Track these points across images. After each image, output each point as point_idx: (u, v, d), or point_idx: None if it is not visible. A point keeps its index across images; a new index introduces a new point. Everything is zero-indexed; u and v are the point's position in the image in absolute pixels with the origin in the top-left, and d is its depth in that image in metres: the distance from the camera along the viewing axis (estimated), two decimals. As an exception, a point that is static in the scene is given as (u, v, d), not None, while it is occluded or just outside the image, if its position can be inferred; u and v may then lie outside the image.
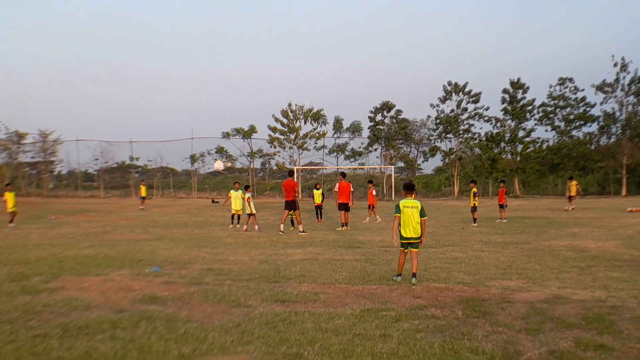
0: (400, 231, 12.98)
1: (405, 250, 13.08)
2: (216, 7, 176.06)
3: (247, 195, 26.30)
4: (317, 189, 31.92)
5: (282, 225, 24.63)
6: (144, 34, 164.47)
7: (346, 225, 26.72)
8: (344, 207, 27.08)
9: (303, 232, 24.25)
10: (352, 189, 28.25)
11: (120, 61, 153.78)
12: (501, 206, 30.41)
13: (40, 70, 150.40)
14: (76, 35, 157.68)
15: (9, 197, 28.85)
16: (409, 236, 12.89)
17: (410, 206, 12.95)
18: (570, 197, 40.59)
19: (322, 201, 31.74)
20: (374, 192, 32.51)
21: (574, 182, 41.33)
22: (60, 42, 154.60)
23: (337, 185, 29.42)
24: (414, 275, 12.83)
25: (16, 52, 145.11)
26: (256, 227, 25.75)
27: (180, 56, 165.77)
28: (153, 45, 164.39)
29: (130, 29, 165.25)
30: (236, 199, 28.00)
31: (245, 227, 25.62)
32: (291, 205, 24.84)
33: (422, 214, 13.00)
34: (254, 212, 26.10)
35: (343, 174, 29.50)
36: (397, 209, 13.02)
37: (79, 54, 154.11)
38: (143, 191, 44.89)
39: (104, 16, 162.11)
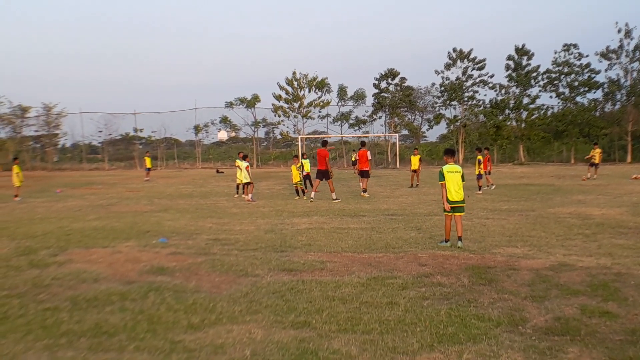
0: (447, 196, 13.27)
1: (450, 214, 13.39)
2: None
3: (246, 164, 26.23)
4: (305, 159, 31.74)
5: (312, 193, 25.36)
6: (146, 5, 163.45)
7: (365, 192, 26.75)
8: (365, 174, 27.24)
9: (337, 199, 24.66)
10: (369, 157, 28.50)
11: (122, 38, 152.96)
12: (486, 173, 30.27)
13: (44, 50, 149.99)
14: (79, 17, 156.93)
15: (17, 170, 28.88)
16: (455, 199, 13.28)
17: (454, 171, 13.37)
18: (595, 165, 37.68)
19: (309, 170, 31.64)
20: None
21: (598, 150, 38.50)
22: (63, 25, 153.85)
23: (355, 154, 29.78)
24: (459, 238, 13.25)
25: (21, 33, 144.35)
26: (249, 196, 25.70)
27: (182, 25, 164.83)
28: (157, 19, 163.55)
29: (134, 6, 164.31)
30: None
31: (249, 196, 25.59)
32: (324, 174, 25.29)
33: (463, 178, 13.49)
34: (251, 181, 26.07)
35: (363, 143, 29.65)
36: (442, 176, 13.42)
37: (82, 36, 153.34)
38: (148, 162, 44.75)
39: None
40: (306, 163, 29.65)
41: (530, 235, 14.61)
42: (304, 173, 28.66)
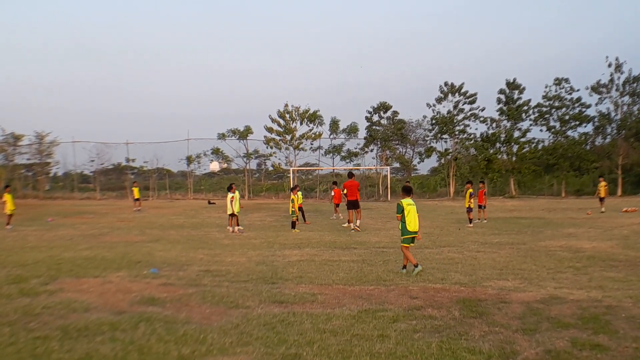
0: (407, 228, 14.07)
1: (408, 245, 14.21)
2: (213, 9, 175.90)
3: (230, 195, 26.26)
4: (298, 191, 31.94)
5: (353, 224, 26.08)
6: (140, 35, 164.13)
7: (357, 224, 26.65)
8: (354, 205, 27.08)
9: (358, 227, 25.45)
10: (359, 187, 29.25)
11: (115, 68, 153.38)
12: (480, 207, 30.35)
13: (37, 77, 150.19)
14: (71, 45, 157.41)
15: (9, 198, 28.89)
16: (415, 230, 14.13)
17: (412, 204, 14.26)
18: (601, 199, 37.57)
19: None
20: (333, 193, 35.45)
21: (603, 183, 38.43)
22: (56, 51, 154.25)
23: (332, 192, 30.15)
24: (405, 267, 14.21)
25: (13, 60, 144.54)
26: (233, 228, 25.74)
27: (176, 56, 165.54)
28: (149, 46, 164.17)
29: (127, 29, 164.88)
30: (236, 200, 27.82)
31: (237, 228, 25.59)
32: (355, 205, 26.27)
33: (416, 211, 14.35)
34: (235, 212, 26.09)
35: (351, 174, 29.78)
36: (400, 209, 14.25)
37: (73, 63, 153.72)
38: (136, 193, 44.57)
39: (99, 20, 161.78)
40: (299, 195, 29.77)
41: (521, 268, 14.63)
42: (298, 205, 28.78)
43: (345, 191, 28.39)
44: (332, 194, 35.90)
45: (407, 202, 14.26)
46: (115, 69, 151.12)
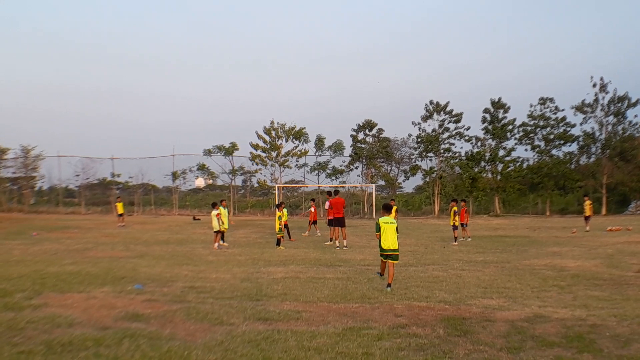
0: (381, 245, 14.54)
1: (385, 260, 14.76)
2: (199, 25, 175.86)
3: (215, 212, 26.29)
4: (283, 208, 31.98)
5: (338, 241, 26.46)
6: (125, 50, 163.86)
7: (344, 243, 26.45)
8: (340, 222, 26.83)
9: (346, 247, 25.59)
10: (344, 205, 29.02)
11: (101, 77, 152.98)
12: (462, 225, 30.40)
13: (21, 85, 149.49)
14: (56, 50, 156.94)
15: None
16: (390, 247, 14.50)
17: (389, 221, 14.59)
18: (586, 218, 37.68)
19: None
20: (312, 209, 35.86)
21: (588, 201, 38.68)
22: (40, 57, 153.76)
23: (327, 203, 30.03)
24: (389, 285, 14.32)
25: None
26: (216, 244, 25.75)
27: (161, 73, 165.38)
28: (135, 62, 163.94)
29: (112, 45, 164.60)
30: (224, 216, 27.70)
31: (218, 244, 25.64)
32: (341, 222, 26.27)
33: (397, 230, 14.81)
34: (219, 229, 26.15)
35: (337, 191, 29.77)
36: (378, 227, 14.65)
37: (58, 69, 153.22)
38: (120, 208, 44.33)
39: (85, 32, 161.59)
40: (285, 212, 29.78)
41: (506, 286, 14.68)
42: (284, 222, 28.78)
43: (328, 207, 28.34)
44: (312, 210, 36.13)
45: (384, 220, 14.61)
46: (101, 84, 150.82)
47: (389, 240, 14.46)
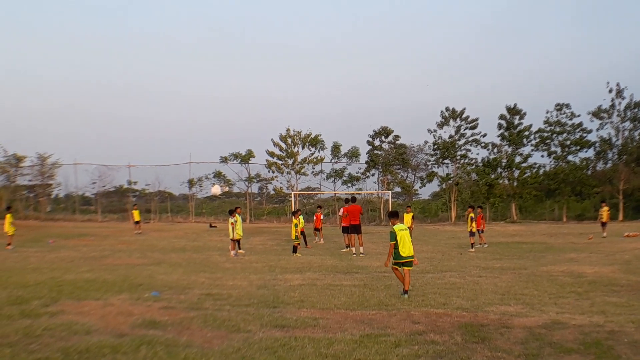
0: (400, 254, 14.25)
1: (400, 269, 14.44)
2: (215, 35, 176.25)
3: (232, 220, 26.33)
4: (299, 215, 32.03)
5: (360, 248, 26.35)
6: (142, 61, 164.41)
7: (360, 250, 26.58)
8: (356, 230, 26.97)
9: (362, 253, 25.68)
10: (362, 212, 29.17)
11: (118, 91, 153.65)
12: (479, 231, 30.31)
13: (40, 100, 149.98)
14: (72, 51, 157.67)
15: (10, 219, 29.03)
16: (407, 254, 14.32)
17: (403, 229, 14.48)
18: (602, 224, 37.41)
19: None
20: (321, 217, 36.37)
21: (605, 208, 38.53)
22: (60, 77, 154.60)
23: (341, 210, 30.21)
24: (406, 292, 14.24)
25: (16, 84, 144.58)
26: (233, 252, 25.76)
27: (177, 77, 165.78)
28: (151, 71, 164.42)
29: (127, 54, 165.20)
30: (238, 224, 27.63)
31: (234, 252, 25.66)
32: (357, 229, 26.40)
33: (410, 234, 15.03)
34: (235, 237, 26.18)
35: (354, 198, 29.82)
36: (393, 236, 14.40)
37: (75, 87, 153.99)
38: (136, 215, 44.45)
39: (100, 33, 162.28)
40: (301, 219, 29.78)
41: (523, 293, 14.61)
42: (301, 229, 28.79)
43: (345, 214, 28.33)
44: (315, 217, 36.53)
45: (400, 228, 14.47)
46: (118, 92, 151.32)
47: (407, 247, 14.32)
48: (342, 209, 30.33)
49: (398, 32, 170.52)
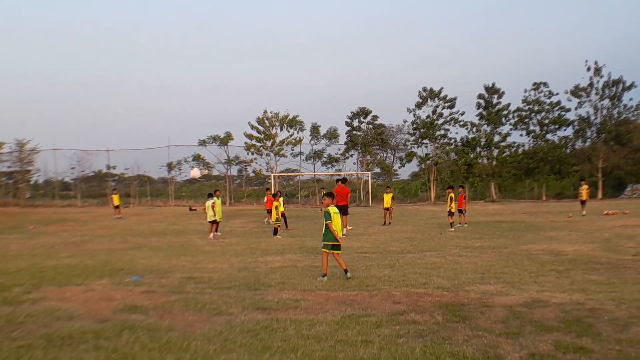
0: (332, 234, 14.13)
1: (328, 251, 14.29)
2: (192, 16, 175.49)
3: (210, 202, 26.33)
4: (280, 197, 32.00)
5: (344, 229, 25.46)
6: (119, 40, 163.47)
7: (343, 232, 26.58)
8: (343, 211, 26.75)
9: (345, 234, 24.72)
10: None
11: (96, 67, 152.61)
12: (460, 211, 30.44)
13: (15, 76, 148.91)
14: (50, 40, 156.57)
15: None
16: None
17: (336, 212, 14.39)
18: (582, 202, 38.02)
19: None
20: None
21: (585, 186, 38.85)
22: (34, 47, 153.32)
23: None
24: (346, 270, 14.32)
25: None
26: (211, 235, 25.82)
27: (155, 62, 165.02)
28: (129, 52, 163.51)
29: (107, 34, 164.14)
30: (217, 207, 27.65)
31: (214, 234, 25.75)
32: (343, 210, 26.04)
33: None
34: (215, 219, 26.27)
35: (345, 180, 29.81)
36: (328, 216, 14.22)
37: (52, 60, 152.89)
38: (116, 200, 44.39)
39: (82, 20, 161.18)
40: (281, 201, 29.76)
41: (504, 272, 14.67)
42: (281, 211, 28.76)
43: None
44: (265, 200, 36.89)
45: (334, 211, 14.28)
46: (97, 76, 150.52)
47: (338, 229, 14.29)
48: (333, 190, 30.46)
49: (376, 19, 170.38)
